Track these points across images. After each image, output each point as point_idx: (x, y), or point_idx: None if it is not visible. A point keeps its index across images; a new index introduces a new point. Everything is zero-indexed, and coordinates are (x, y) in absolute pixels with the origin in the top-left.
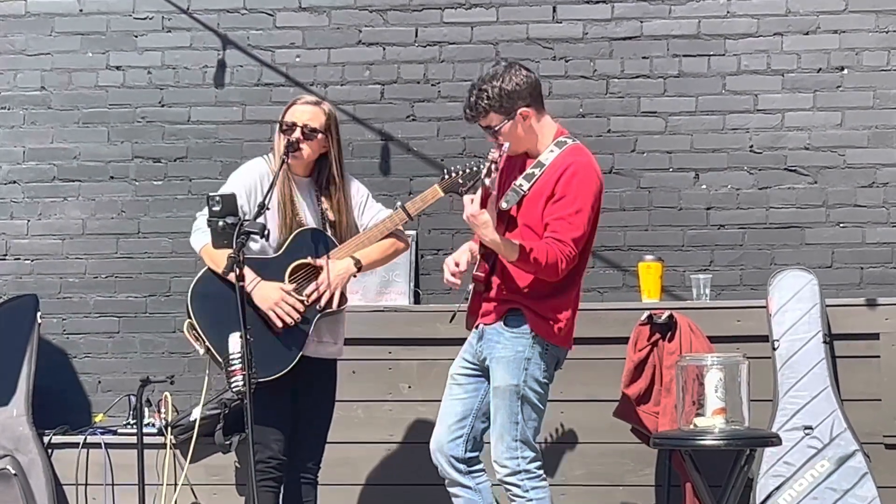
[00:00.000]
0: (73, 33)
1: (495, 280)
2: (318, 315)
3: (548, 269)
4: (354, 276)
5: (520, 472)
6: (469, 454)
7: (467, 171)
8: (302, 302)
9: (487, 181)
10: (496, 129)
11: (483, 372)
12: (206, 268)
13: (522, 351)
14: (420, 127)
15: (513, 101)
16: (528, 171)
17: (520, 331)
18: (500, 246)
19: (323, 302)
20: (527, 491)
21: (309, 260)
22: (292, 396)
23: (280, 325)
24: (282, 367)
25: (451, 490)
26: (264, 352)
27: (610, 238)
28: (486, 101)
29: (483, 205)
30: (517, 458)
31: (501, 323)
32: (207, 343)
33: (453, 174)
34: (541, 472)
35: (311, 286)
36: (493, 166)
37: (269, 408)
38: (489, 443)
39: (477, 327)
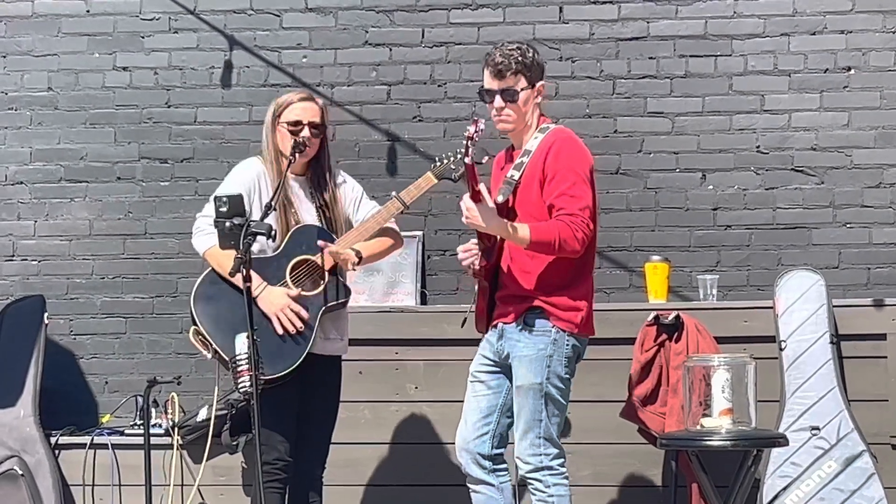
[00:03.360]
0: (79, 34)
1: (509, 276)
2: (322, 310)
3: (565, 244)
4: (354, 269)
5: (542, 468)
6: (495, 451)
7: (459, 156)
8: (305, 306)
9: (468, 159)
10: (519, 91)
11: (504, 369)
12: (206, 271)
13: (544, 349)
14: (426, 127)
15: (538, 73)
16: (517, 160)
17: (540, 328)
18: (509, 234)
19: (342, 260)
20: (548, 487)
21: (308, 256)
22: (299, 396)
23: (281, 331)
24: (288, 364)
25: (474, 488)
26: (270, 350)
27: (616, 238)
28: (520, 60)
29: (475, 198)
30: (540, 454)
31: (521, 321)
32: (214, 346)
33: (445, 160)
34: (563, 469)
35: (331, 247)
36: (469, 143)
37: (275, 409)
38: (512, 443)
39: (496, 326)
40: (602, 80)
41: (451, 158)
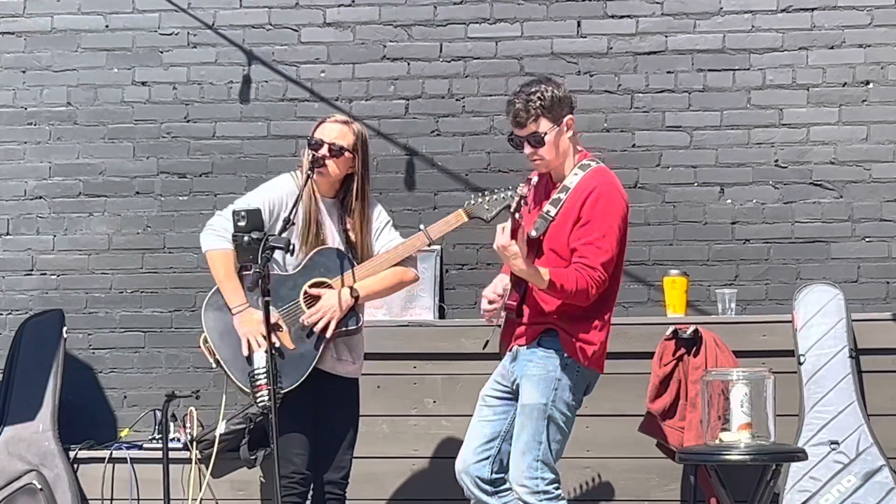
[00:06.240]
0: (98, 49)
1: (530, 303)
2: (326, 339)
3: (578, 295)
4: (353, 309)
5: (538, 492)
6: (495, 475)
7: (493, 197)
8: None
9: (517, 215)
10: (543, 135)
11: (514, 395)
12: None
13: (553, 371)
14: (445, 142)
15: (562, 107)
16: (554, 196)
17: (553, 351)
18: (530, 276)
19: (318, 329)
20: None
21: (325, 279)
22: (314, 411)
23: (246, 352)
24: (291, 382)
25: None
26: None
27: (635, 253)
28: (538, 104)
29: (513, 235)
30: (537, 478)
31: (535, 343)
32: (217, 356)
33: (479, 199)
34: (559, 492)
35: (310, 311)
36: (522, 201)
37: (290, 423)
38: None
39: (511, 349)
40: (620, 94)
41: (486, 198)
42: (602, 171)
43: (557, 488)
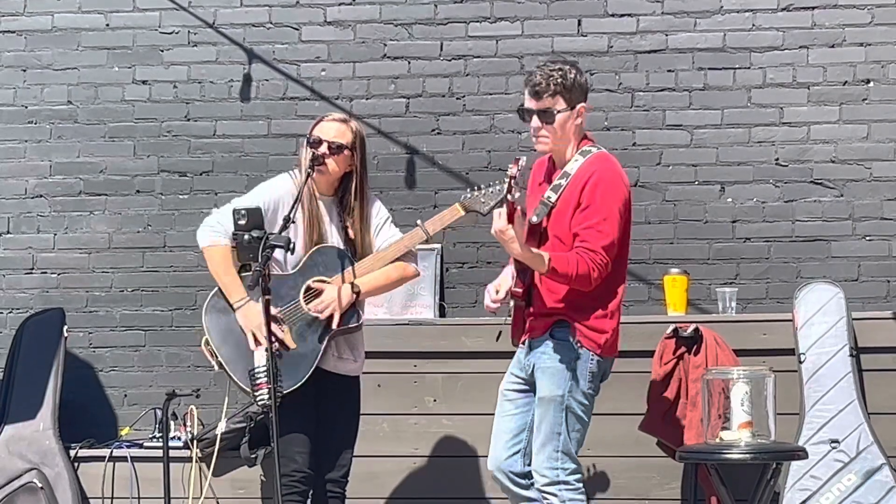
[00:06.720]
0: (99, 48)
1: (538, 294)
2: (331, 333)
3: (579, 279)
4: (353, 306)
5: (559, 482)
6: (527, 468)
7: (489, 191)
8: (309, 327)
9: (510, 197)
10: (556, 113)
11: (532, 386)
12: None
13: (568, 362)
14: (445, 140)
15: (579, 93)
16: (556, 182)
17: (566, 342)
18: (529, 259)
19: (323, 316)
20: (564, 502)
21: (324, 278)
22: (316, 410)
23: (254, 346)
24: (293, 382)
25: None
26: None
27: (635, 251)
28: (559, 81)
29: (510, 219)
30: (557, 468)
31: (548, 335)
32: (220, 358)
33: (475, 193)
34: (580, 484)
35: (314, 302)
36: (512, 182)
37: (292, 421)
38: None
39: (524, 342)
40: (621, 92)
41: (482, 191)
42: (603, 157)
43: (578, 480)
